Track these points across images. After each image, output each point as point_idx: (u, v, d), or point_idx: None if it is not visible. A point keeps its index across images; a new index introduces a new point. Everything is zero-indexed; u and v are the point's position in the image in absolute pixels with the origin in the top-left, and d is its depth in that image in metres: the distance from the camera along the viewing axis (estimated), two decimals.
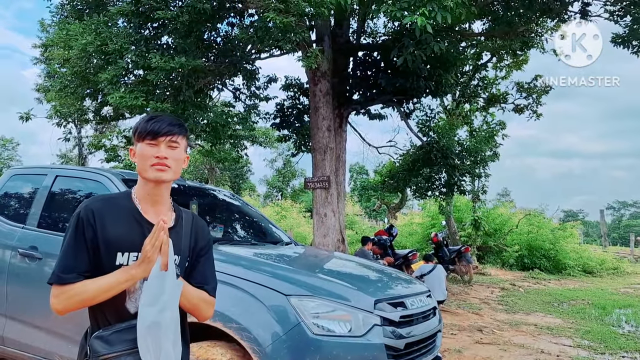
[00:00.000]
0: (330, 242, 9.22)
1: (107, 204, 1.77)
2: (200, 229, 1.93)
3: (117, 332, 1.67)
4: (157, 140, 1.74)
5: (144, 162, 1.73)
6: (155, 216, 1.76)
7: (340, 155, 9.90)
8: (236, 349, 2.93)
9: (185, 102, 8.26)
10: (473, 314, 8.99)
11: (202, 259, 1.90)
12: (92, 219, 1.70)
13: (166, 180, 1.77)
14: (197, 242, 1.89)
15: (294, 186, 45.12)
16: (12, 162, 46.04)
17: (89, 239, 1.69)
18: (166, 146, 1.75)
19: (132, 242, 1.71)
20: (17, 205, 4.51)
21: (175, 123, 1.80)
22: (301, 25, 7.13)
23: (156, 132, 1.74)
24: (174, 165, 1.76)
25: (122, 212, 1.76)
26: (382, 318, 3.07)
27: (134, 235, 1.72)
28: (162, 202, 1.82)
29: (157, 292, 1.63)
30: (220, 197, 5.29)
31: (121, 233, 1.72)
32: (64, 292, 1.66)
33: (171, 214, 1.85)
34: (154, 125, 1.75)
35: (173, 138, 1.76)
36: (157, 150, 1.73)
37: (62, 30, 8.71)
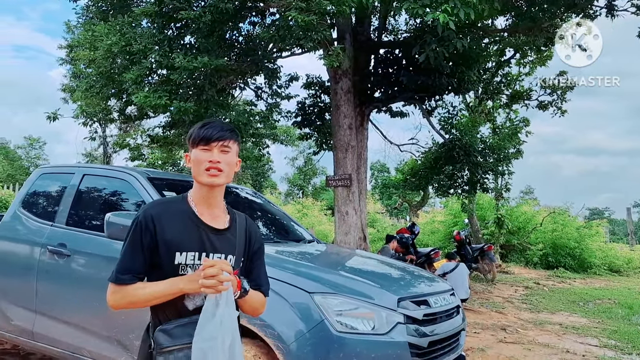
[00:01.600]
0: (352, 240, 9.22)
1: (165, 208, 1.87)
2: (254, 232, 2.02)
3: (180, 326, 1.75)
4: (210, 145, 1.81)
5: (199, 167, 1.81)
6: (211, 218, 1.88)
7: (362, 153, 9.87)
8: (260, 345, 2.97)
9: (207, 101, 8.33)
10: (496, 312, 8.90)
11: (257, 261, 2.02)
12: (151, 223, 1.80)
13: (219, 184, 1.85)
14: (251, 244, 1.98)
15: (315, 184, 45.18)
16: (39, 160, 47.02)
17: (145, 243, 1.79)
18: (219, 151, 1.82)
19: (190, 242, 1.81)
20: (45, 204, 4.61)
21: (227, 129, 1.87)
22: (322, 24, 7.13)
23: (209, 138, 1.82)
24: (227, 169, 1.83)
25: (180, 215, 1.85)
26: (406, 316, 3.08)
27: (191, 236, 1.82)
28: (217, 204, 1.91)
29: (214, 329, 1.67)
30: (243, 195, 5.34)
31: (179, 234, 1.81)
32: (118, 291, 1.78)
33: (225, 216, 1.94)
34: (207, 132, 1.83)
35: (225, 143, 1.84)
36: (210, 155, 1.81)
37: (87, 32, 8.86)
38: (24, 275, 4.16)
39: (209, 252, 1.83)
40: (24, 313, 4.13)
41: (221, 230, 1.89)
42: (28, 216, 4.46)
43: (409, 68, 10.00)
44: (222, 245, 1.87)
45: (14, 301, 4.23)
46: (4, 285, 4.32)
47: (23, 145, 50.19)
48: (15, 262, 4.30)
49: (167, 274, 1.78)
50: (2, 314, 4.29)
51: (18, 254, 4.33)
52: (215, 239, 1.86)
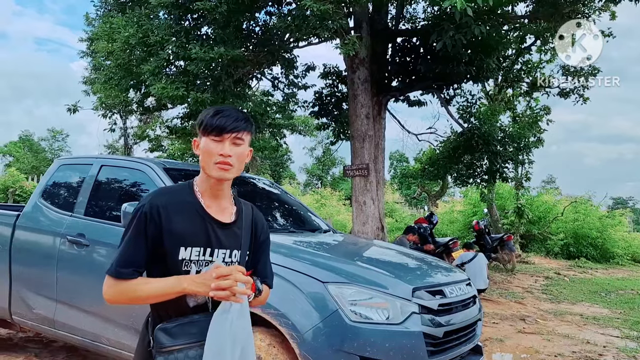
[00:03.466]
0: (369, 230, 9.20)
1: (171, 199, 1.76)
2: (260, 223, 1.93)
3: (180, 325, 1.68)
4: (222, 136, 1.71)
5: (209, 159, 1.71)
6: (218, 211, 1.79)
7: (379, 142, 9.82)
8: (275, 334, 2.98)
9: (224, 92, 8.36)
10: (516, 303, 8.83)
11: (263, 253, 1.94)
12: (157, 214, 1.70)
13: (229, 179, 1.77)
14: (257, 236, 1.90)
15: (334, 174, 45.19)
16: (62, 152, 47.77)
17: (150, 235, 1.70)
18: (231, 143, 1.71)
19: (195, 236, 1.72)
20: (65, 194, 4.68)
21: (241, 118, 1.75)
22: (339, 12, 7.08)
23: (222, 128, 1.71)
24: (237, 163, 1.74)
25: (186, 207, 1.75)
26: (421, 306, 3.06)
27: (196, 230, 1.73)
28: (224, 195, 1.82)
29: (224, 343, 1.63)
30: (260, 185, 5.35)
31: (185, 228, 1.71)
32: (117, 285, 1.68)
33: (232, 208, 1.85)
34: (220, 121, 1.71)
35: (239, 135, 1.73)
36: (222, 147, 1.70)
37: (105, 24, 8.94)
38: (44, 264, 4.23)
39: (214, 247, 1.75)
40: (45, 302, 4.21)
41: (228, 224, 1.80)
42: (48, 207, 4.53)
43: (426, 56, 9.89)
44: (228, 240, 1.78)
45: (35, 290, 4.31)
46: (25, 275, 4.40)
47: (46, 137, 51.07)
48: (36, 251, 4.38)
49: (169, 269, 1.70)
50: (24, 302, 4.38)
51: (39, 243, 4.40)
52: (221, 233, 1.77)
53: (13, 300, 4.45)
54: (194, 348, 1.66)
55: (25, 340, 5.48)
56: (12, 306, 4.46)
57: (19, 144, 49.59)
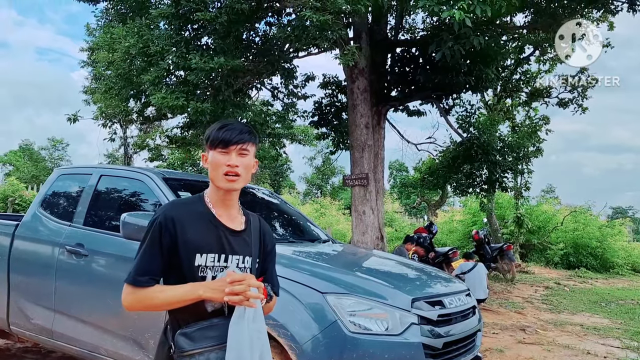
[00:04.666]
0: (369, 240, 9.19)
1: (185, 210, 1.86)
2: (267, 233, 2.03)
3: (200, 330, 1.74)
4: (229, 148, 1.80)
5: (217, 171, 1.80)
6: (229, 219, 1.88)
7: (379, 152, 9.84)
8: (274, 345, 2.96)
9: (224, 102, 8.38)
10: (516, 313, 8.80)
11: (270, 262, 2.03)
12: (172, 225, 1.78)
13: (237, 189, 1.86)
14: (265, 246, 1.98)
15: (333, 183, 45.18)
16: (62, 162, 47.80)
17: (165, 245, 1.78)
18: (237, 154, 1.81)
19: (209, 243, 1.81)
20: (64, 204, 4.68)
21: (245, 131, 1.85)
22: (338, 23, 7.12)
23: (228, 141, 1.80)
24: (244, 173, 1.83)
25: (199, 217, 1.84)
26: (420, 317, 3.05)
27: (210, 238, 1.82)
28: (233, 205, 1.90)
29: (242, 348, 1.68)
30: (259, 195, 5.35)
31: (200, 236, 1.80)
32: (134, 293, 1.76)
33: (241, 217, 1.94)
34: (226, 134, 1.81)
35: (244, 146, 1.83)
36: (229, 159, 1.80)
37: (106, 34, 8.98)
38: (43, 274, 4.22)
39: (228, 253, 1.83)
40: (43, 312, 4.20)
41: (238, 231, 1.89)
42: (47, 216, 4.52)
43: (425, 66, 9.94)
44: (240, 247, 1.87)
45: (33, 300, 4.30)
46: (24, 285, 4.39)
47: (46, 146, 51.08)
48: (35, 261, 4.37)
49: (186, 276, 1.77)
50: (22, 312, 4.36)
51: (37, 253, 4.39)
52: (233, 240, 1.86)
53: (11, 310, 4.43)
54: (214, 351, 1.72)
55: (24, 351, 5.46)
56: (10, 316, 4.44)
57: (19, 153, 49.60)
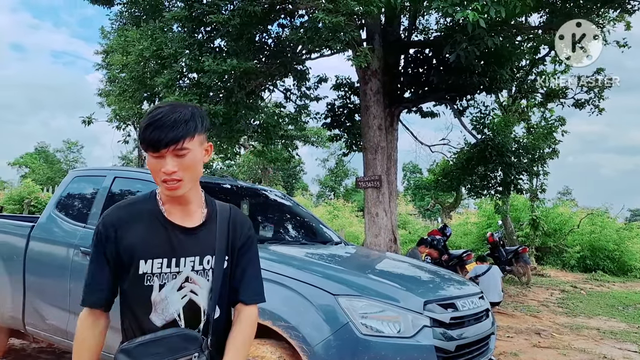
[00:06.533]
0: (382, 242, 9.16)
1: (127, 211, 1.61)
2: (239, 225, 1.70)
3: (142, 345, 1.51)
4: (160, 152, 1.47)
5: (155, 177, 1.52)
6: (183, 216, 1.61)
7: (392, 154, 9.80)
8: (285, 347, 2.96)
9: (237, 104, 8.41)
10: (531, 316, 8.70)
11: (243, 258, 1.69)
12: (112, 230, 1.57)
13: (182, 194, 1.55)
14: (235, 237, 1.67)
15: (347, 185, 45.18)
16: (77, 163, 48.41)
17: (109, 254, 1.57)
18: (173, 156, 1.48)
19: (155, 247, 1.56)
20: (79, 206, 4.71)
21: (180, 123, 1.48)
22: (351, 24, 7.11)
23: (157, 144, 1.46)
24: (187, 175, 1.52)
25: (145, 216, 1.59)
26: (432, 319, 3.02)
27: (157, 241, 1.56)
28: (189, 201, 1.62)
29: None
30: (272, 197, 5.35)
31: (143, 239, 1.56)
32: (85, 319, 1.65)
33: (202, 211, 1.64)
34: (154, 135, 1.46)
35: (178, 146, 1.47)
36: (163, 164, 1.48)
37: (120, 37, 9.07)
38: (58, 275, 4.25)
39: (179, 256, 1.57)
40: (58, 312, 4.23)
41: (193, 228, 1.60)
42: (62, 218, 4.56)
43: (439, 67, 9.89)
44: (195, 246, 1.59)
45: (48, 301, 4.33)
46: (39, 285, 4.43)
47: (62, 148, 51.80)
48: (50, 262, 4.40)
49: (134, 287, 1.55)
50: (37, 313, 4.40)
51: (53, 254, 4.43)
52: (186, 240, 1.58)
53: (27, 310, 4.47)
54: None
55: (39, 351, 5.51)
56: (26, 317, 4.48)
57: (34, 155, 50.32)
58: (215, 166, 31.35)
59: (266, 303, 2.94)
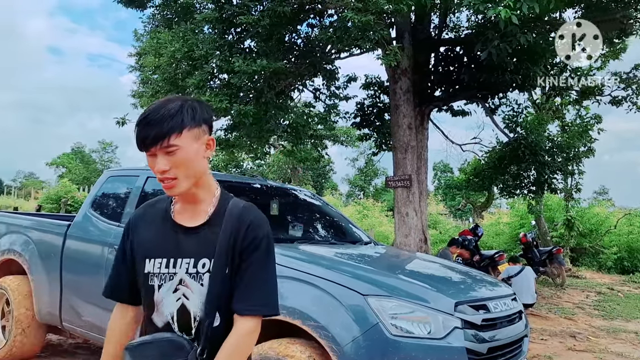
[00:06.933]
0: (412, 242, 9.08)
1: (147, 210, 1.64)
2: (246, 221, 1.52)
3: (141, 345, 1.47)
4: (150, 151, 1.43)
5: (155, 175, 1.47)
6: (191, 215, 1.55)
7: (422, 153, 9.71)
8: (315, 346, 2.96)
9: (267, 104, 8.47)
10: (565, 319, 8.51)
11: (243, 263, 1.50)
12: (133, 227, 1.61)
13: (180, 194, 1.49)
14: (236, 241, 1.50)
15: (376, 185, 45.04)
16: (112, 164, 49.56)
17: (127, 250, 1.60)
18: (163, 154, 1.42)
19: (159, 247, 1.53)
20: (113, 205, 4.81)
21: (165, 118, 1.41)
22: (380, 23, 7.07)
23: (143, 143, 1.43)
24: (181, 172, 1.44)
25: (157, 215, 1.59)
26: (463, 321, 2.98)
27: (160, 240, 1.54)
28: (199, 200, 1.55)
29: None
30: (301, 196, 5.37)
31: (150, 238, 1.56)
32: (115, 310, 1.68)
33: (209, 210, 1.55)
34: (142, 133, 1.42)
35: (165, 142, 1.41)
36: (155, 163, 1.44)
37: (153, 39, 9.24)
38: (93, 273, 4.35)
39: (176, 257, 1.51)
40: (93, 309, 4.32)
41: (193, 228, 1.53)
42: (97, 217, 4.67)
43: (470, 65, 9.74)
44: (192, 247, 1.51)
45: (84, 298, 4.43)
46: (75, 283, 4.54)
47: (97, 149, 53.09)
48: (86, 260, 4.51)
49: (142, 286, 1.55)
50: (73, 309, 4.51)
51: (88, 252, 4.53)
52: (185, 240, 1.52)
53: (63, 307, 4.59)
54: None
55: (75, 347, 5.65)
56: (63, 313, 4.60)
57: (71, 155, 51.71)
58: (245, 166, 31.63)
59: (296, 302, 3.00)
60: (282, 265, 3.25)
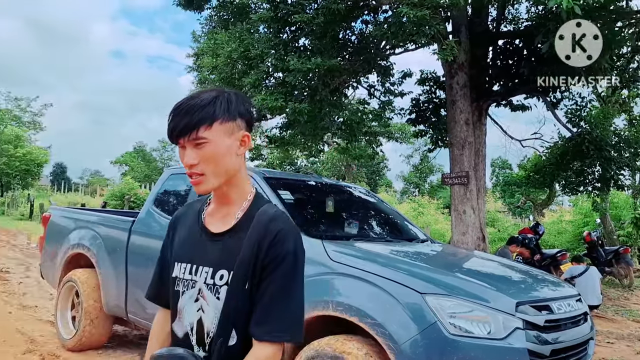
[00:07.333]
0: (469, 240, 8.90)
1: (188, 209, 1.54)
2: (271, 235, 1.31)
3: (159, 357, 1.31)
4: (179, 142, 1.33)
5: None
6: (220, 218, 1.42)
7: (480, 149, 9.49)
8: (372, 344, 2.96)
9: (321, 102, 8.51)
10: (633, 321, 8.11)
11: (263, 282, 1.30)
12: (172, 226, 1.53)
13: (206, 192, 1.39)
14: (259, 253, 1.30)
15: (432, 182, 44.39)
16: (171, 162, 51.17)
17: (167, 250, 1.52)
18: (192, 147, 1.31)
19: (186, 250, 1.43)
20: (174, 202, 4.97)
21: (195, 109, 1.30)
22: (436, 17, 6.97)
23: (171, 134, 1.33)
24: (210, 169, 1.31)
25: (193, 216, 1.48)
26: (525, 321, 2.90)
27: (189, 243, 1.44)
28: (231, 202, 1.41)
29: None
30: (356, 194, 5.36)
31: (182, 240, 1.47)
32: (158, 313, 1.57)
33: (238, 214, 1.39)
34: (171, 123, 1.32)
35: (193, 135, 1.29)
36: (184, 156, 1.33)
37: (210, 40, 9.47)
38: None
39: (198, 264, 1.39)
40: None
41: (217, 234, 1.39)
42: (159, 213, 4.83)
43: (530, 58, 9.43)
44: (214, 256, 1.36)
45: None
46: (139, 276, 4.71)
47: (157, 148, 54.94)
48: (149, 255, 4.66)
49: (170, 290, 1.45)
50: (138, 302, 4.69)
51: (151, 247, 4.69)
52: (209, 246, 1.39)
53: (129, 300, 4.78)
54: None
55: (139, 338, 5.87)
56: (128, 305, 4.79)
57: (133, 154, 53.83)
58: (299, 163, 31.90)
59: (352, 299, 3.01)
60: (338, 262, 3.27)
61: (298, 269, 1.33)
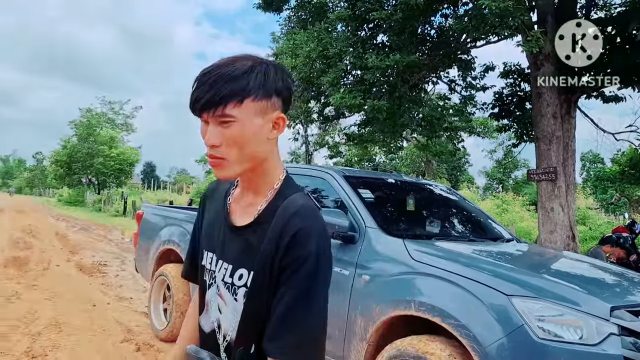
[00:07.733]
0: (558, 239, 8.51)
1: (218, 185, 1.35)
2: (290, 233, 1.09)
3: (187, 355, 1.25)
4: (202, 116, 1.10)
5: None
6: (244, 207, 1.22)
7: (569, 143, 9.03)
8: (455, 345, 2.92)
9: (400, 98, 8.45)
10: None
11: (281, 287, 1.09)
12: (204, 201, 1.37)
13: (226, 179, 1.21)
14: (277, 253, 1.10)
15: (516, 177, 42.75)
16: None
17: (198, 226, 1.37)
18: (216, 124, 1.09)
19: (212, 237, 1.27)
20: None
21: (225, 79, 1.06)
22: (520, 8, 6.71)
23: (193, 106, 1.10)
24: (233, 153, 1.10)
25: (219, 196, 1.31)
26: (621, 327, 2.74)
27: (215, 229, 1.26)
28: (257, 188, 1.20)
29: None
30: (437, 191, 5.28)
31: (208, 224, 1.31)
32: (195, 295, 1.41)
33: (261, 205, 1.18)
34: (193, 94, 1.09)
35: (218, 111, 1.06)
36: (207, 132, 1.10)
37: (289, 41, 9.65)
38: None
39: (219, 257, 1.22)
40: None
41: (238, 227, 1.20)
42: None
43: (624, 47, 8.85)
44: (234, 251, 1.19)
45: None
46: None
47: None
48: None
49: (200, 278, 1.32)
50: None
51: None
52: (230, 240, 1.21)
53: None
54: None
55: None
56: None
57: None
58: (377, 160, 31.79)
59: (435, 299, 2.99)
60: (419, 262, 3.25)
61: (320, 274, 1.09)
